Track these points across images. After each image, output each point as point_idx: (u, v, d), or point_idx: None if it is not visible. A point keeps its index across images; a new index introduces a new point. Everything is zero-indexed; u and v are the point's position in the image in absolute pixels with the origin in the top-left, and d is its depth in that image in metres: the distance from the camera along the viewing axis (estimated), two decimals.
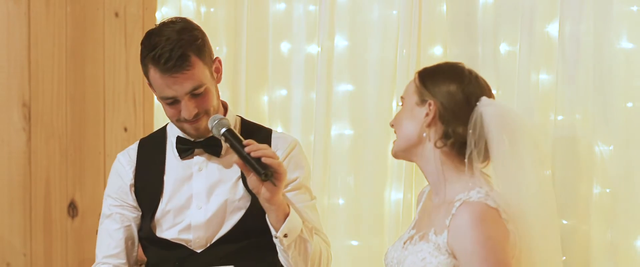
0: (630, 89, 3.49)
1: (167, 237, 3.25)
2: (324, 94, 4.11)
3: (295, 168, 3.26)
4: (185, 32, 3.14)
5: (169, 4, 4.48)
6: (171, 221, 3.25)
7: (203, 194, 3.24)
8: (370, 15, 4.07)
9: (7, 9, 4.68)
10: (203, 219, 3.22)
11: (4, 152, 4.70)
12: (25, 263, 4.75)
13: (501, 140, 2.85)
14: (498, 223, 2.80)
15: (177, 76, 3.11)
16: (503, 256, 2.76)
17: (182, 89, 3.13)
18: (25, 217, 4.74)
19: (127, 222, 3.31)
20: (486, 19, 3.81)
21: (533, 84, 3.65)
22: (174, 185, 3.26)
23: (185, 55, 3.11)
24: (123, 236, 3.31)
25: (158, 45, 3.10)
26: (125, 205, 3.31)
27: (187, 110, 3.14)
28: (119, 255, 3.31)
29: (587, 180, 3.54)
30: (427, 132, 2.92)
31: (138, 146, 3.37)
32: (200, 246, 3.23)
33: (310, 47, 4.20)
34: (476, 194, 2.84)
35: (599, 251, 3.53)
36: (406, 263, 2.87)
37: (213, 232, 3.23)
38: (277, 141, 3.30)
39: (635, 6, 3.48)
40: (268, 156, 3.05)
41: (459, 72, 2.94)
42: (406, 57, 3.95)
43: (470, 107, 2.88)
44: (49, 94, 4.74)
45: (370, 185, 4.06)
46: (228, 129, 3.12)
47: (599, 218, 3.53)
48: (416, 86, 2.96)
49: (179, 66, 3.10)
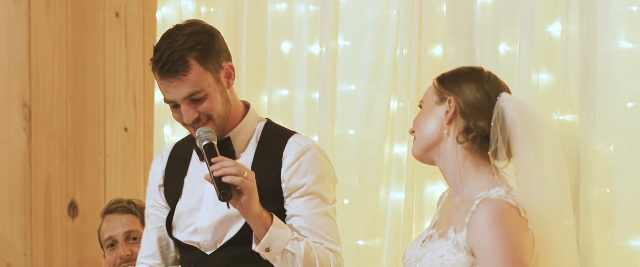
0: (630, 89, 3.49)
1: (180, 238, 3.25)
2: (327, 94, 4.11)
3: (303, 174, 3.20)
4: (191, 37, 3.13)
5: (169, 4, 4.48)
6: (184, 222, 3.25)
7: (212, 197, 3.21)
8: (370, 15, 4.07)
9: (7, 9, 4.69)
10: (209, 222, 3.20)
11: (4, 152, 4.71)
12: (25, 263, 4.75)
13: (523, 134, 2.86)
14: (517, 221, 2.80)
15: (172, 80, 3.10)
16: (521, 254, 2.76)
17: (179, 94, 3.12)
18: (26, 217, 4.74)
19: (159, 223, 3.31)
20: (486, 19, 3.80)
21: (533, 84, 3.65)
22: (190, 187, 3.26)
23: (183, 59, 3.09)
24: (156, 236, 3.32)
25: (160, 48, 3.11)
26: (158, 205, 3.32)
27: (186, 115, 3.14)
28: (154, 255, 3.32)
29: (587, 180, 3.54)
30: (447, 129, 2.92)
31: (172, 148, 3.38)
32: (209, 248, 3.22)
33: (312, 47, 4.20)
34: (496, 192, 2.83)
35: (598, 251, 3.53)
36: (425, 260, 2.87)
37: (220, 236, 3.21)
38: (290, 146, 3.24)
39: (635, 6, 3.48)
40: (227, 174, 3.01)
41: (477, 72, 2.96)
42: (406, 57, 3.95)
43: (491, 101, 2.89)
44: (49, 94, 4.74)
45: (373, 185, 4.06)
46: (209, 143, 3.11)
47: (599, 218, 3.52)
48: (435, 88, 2.97)
49: (174, 71, 3.09)
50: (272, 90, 4.28)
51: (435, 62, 3.92)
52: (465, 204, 2.86)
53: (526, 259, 2.78)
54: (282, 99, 4.27)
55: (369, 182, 4.06)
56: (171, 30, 3.18)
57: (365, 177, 4.06)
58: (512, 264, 2.74)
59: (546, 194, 2.87)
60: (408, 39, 3.95)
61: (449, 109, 2.91)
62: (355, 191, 4.09)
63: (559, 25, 3.64)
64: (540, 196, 2.85)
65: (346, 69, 4.11)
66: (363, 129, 4.08)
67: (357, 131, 4.10)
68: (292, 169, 3.18)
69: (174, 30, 3.16)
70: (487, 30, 3.79)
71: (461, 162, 2.92)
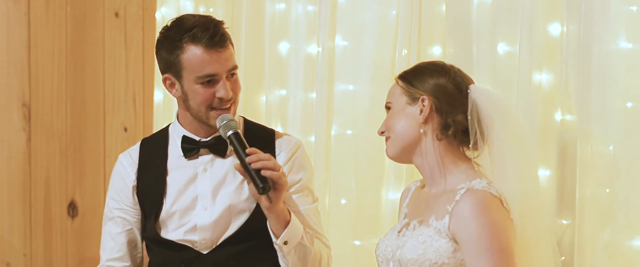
0: (630, 89, 3.48)
1: (173, 238, 3.23)
2: (324, 95, 4.11)
3: (298, 170, 3.24)
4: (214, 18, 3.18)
5: (168, 4, 4.48)
6: (177, 222, 3.23)
7: (208, 195, 3.22)
8: (369, 15, 4.07)
9: (7, 9, 4.69)
10: (209, 221, 3.20)
11: (4, 152, 4.71)
12: (25, 263, 4.75)
13: (498, 123, 2.89)
14: (501, 211, 2.83)
15: (221, 51, 3.11)
16: (506, 242, 2.78)
17: (227, 64, 3.12)
18: (25, 217, 4.75)
19: (128, 225, 3.29)
20: (485, 19, 3.80)
21: (533, 84, 3.64)
22: (179, 186, 3.24)
23: (224, 33, 3.13)
24: (125, 239, 3.29)
25: (196, 24, 3.11)
26: (127, 208, 3.29)
27: (227, 89, 3.13)
28: (123, 258, 3.30)
29: (587, 180, 3.53)
30: (424, 128, 2.93)
31: (140, 146, 3.34)
32: (206, 247, 3.21)
33: (309, 48, 4.20)
34: (479, 183, 2.86)
35: (598, 251, 3.52)
36: (406, 247, 2.88)
37: (219, 234, 3.21)
38: (281, 143, 3.27)
39: (634, 6, 3.48)
40: (268, 168, 3.03)
41: (441, 66, 2.98)
42: (406, 57, 3.95)
43: (464, 95, 2.91)
44: (49, 94, 4.74)
45: (370, 185, 4.06)
46: (235, 132, 3.10)
47: (599, 218, 3.52)
48: (402, 88, 2.97)
49: (222, 41, 3.11)
50: (269, 90, 4.28)
51: None
52: (447, 194, 2.88)
53: (512, 246, 2.80)
54: (280, 99, 4.27)
55: (366, 182, 4.06)
56: (181, 17, 3.19)
57: (362, 177, 4.06)
58: (499, 251, 2.76)
59: (521, 183, 2.89)
60: (407, 39, 3.95)
61: (424, 108, 2.91)
62: (352, 191, 4.09)
63: (558, 25, 3.64)
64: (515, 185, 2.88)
65: (345, 69, 4.11)
66: (361, 129, 4.08)
67: (356, 131, 4.10)
68: (288, 166, 3.20)
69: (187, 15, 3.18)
70: (486, 30, 3.79)
71: (441, 158, 2.93)
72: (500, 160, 2.91)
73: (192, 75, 3.13)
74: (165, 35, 3.17)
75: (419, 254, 2.85)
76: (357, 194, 4.09)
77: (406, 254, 2.88)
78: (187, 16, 3.18)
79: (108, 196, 3.34)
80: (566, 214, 3.63)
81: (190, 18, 3.16)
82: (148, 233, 3.27)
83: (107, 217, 3.32)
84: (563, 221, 3.63)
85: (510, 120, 2.93)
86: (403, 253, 2.89)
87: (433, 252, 2.84)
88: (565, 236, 3.63)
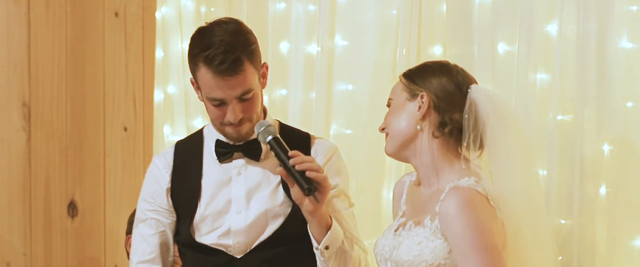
0: (630, 89, 3.48)
1: (206, 242, 3.19)
2: (323, 94, 4.11)
3: (335, 175, 3.21)
4: (239, 35, 3.09)
5: (168, 4, 4.48)
6: (210, 226, 3.20)
7: (242, 199, 3.19)
8: (369, 15, 4.07)
9: (7, 9, 4.69)
10: (243, 225, 3.17)
11: (4, 152, 4.71)
12: (25, 263, 4.75)
13: (496, 125, 2.90)
14: (486, 208, 2.83)
15: (229, 79, 3.06)
16: (492, 239, 2.78)
17: (233, 93, 3.08)
18: (25, 217, 4.75)
19: (162, 227, 3.25)
20: (485, 19, 3.80)
21: (532, 83, 3.65)
22: (213, 189, 3.21)
23: (239, 59, 3.06)
24: (158, 241, 3.25)
25: (212, 45, 3.05)
26: (161, 210, 3.25)
27: (233, 114, 3.09)
28: (154, 260, 3.26)
29: (587, 179, 3.53)
30: (421, 125, 2.93)
31: (174, 148, 3.30)
32: (239, 251, 3.18)
33: (309, 47, 4.20)
34: (466, 182, 2.87)
35: (598, 251, 3.53)
36: (402, 248, 2.88)
37: (253, 238, 3.18)
38: (317, 147, 3.25)
39: (635, 6, 3.48)
40: (313, 169, 3.01)
41: (445, 66, 2.99)
42: (406, 57, 3.95)
43: (463, 94, 2.91)
44: (49, 94, 4.74)
45: (371, 185, 4.06)
46: (274, 137, 3.08)
47: (599, 218, 3.52)
48: (404, 84, 2.98)
49: (232, 69, 3.05)
50: (271, 90, 4.28)
51: None
52: (436, 194, 2.88)
53: (497, 243, 2.79)
54: (281, 98, 4.27)
55: (366, 182, 4.06)
56: (212, 27, 3.12)
57: (362, 177, 4.06)
58: (485, 249, 2.76)
59: (519, 183, 2.89)
60: (407, 38, 3.95)
61: (422, 104, 2.92)
62: (352, 191, 4.08)
63: (557, 25, 3.64)
64: (513, 185, 2.88)
65: (345, 68, 4.11)
66: (361, 129, 4.08)
67: (355, 131, 4.10)
68: (324, 169, 3.13)
69: (216, 28, 3.11)
70: (486, 30, 3.79)
71: (436, 156, 2.94)
72: (498, 159, 2.91)
73: (204, 94, 3.13)
74: (191, 43, 3.15)
75: (415, 255, 2.85)
76: (357, 194, 4.09)
77: (402, 256, 2.88)
78: (212, 29, 3.11)
79: (141, 198, 3.30)
80: (564, 213, 3.63)
81: (210, 35, 3.09)
82: (182, 237, 3.24)
83: (139, 219, 3.28)
84: (562, 221, 3.63)
85: (510, 120, 2.93)
86: (399, 254, 2.89)
87: (429, 254, 2.84)
88: (565, 235, 3.63)
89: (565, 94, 3.60)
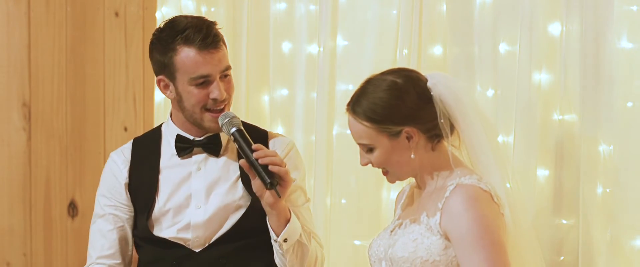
0: (630, 89, 3.49)
1: (166, 236, 3.24)
2: (325, 94, 4.11)
3: (292, 169, 3.24)
4: (207, 20, 3.20)
5: (169, 4, 4.48)
6: (170, 220, 3.24)
7: (202, 194, 3.23)
8: (370, 15, 4.07)
9: (7, 9, 4.68)
10: (202, 219, 3.21)
11: (4, 152, 4.70)
12: (25, 263, 4.75)
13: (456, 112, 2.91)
14: (491, 205, 2.85)
15: (214, 53, 3.13)
16: (498, 235, 2.80)
17: (220, 65, 3.15)
18: (25, 217, 4.74)
19: (120, 223, 3.30)
20: (486, 19, 3.81)
21: (533, 83, 3.65)
22: (172, 184, 3.26)
23: (217, 34, 3.16)
24: (117, 236, 3.30)
25: (188, 27, 3.13)
26: (119, 205, 3.30)
27: (219, 90, 3.14)
28: (114, 255, 3.30)
29: (587, 180, 3.54)
30: (414, 152, 2.93)
31: (132, 144, 3.36)
32: (198, 245, 3.23)
33: (311, 47, 4.21)
34: (468, 179, 2.89)
35: (598, 251, 3.53)
36: (397, 245, 2.90)
37: (212, 232, 3.22)
38: (275, 142, 3.30)
39: (635, 6, 3.48)
40: (276, 163, 3.06)
41: (393, 87, 2.92)
42: (406, 57, 3.95)
43: (429, 97, 2.90)
44: (49, 94, 4.74)
45: (371, 185, 4.06)
46: (238, 129, 3.12)
47: (599, 218, 3.53)
48: (374, 130, 2.92)
49: (216, 43, 3.14)
50: (273, 90, 4.28)
51: (435, 62, 3.92)
52: (437, 191, 2.90)
53: (503, 239, 2.81)
54: (282, 98, 4.27)
55: (366, 182, 4.06)
56: (173, 19, 3.21)
57: (362, 177, 4.06)
58: (491, 245, 2.78)
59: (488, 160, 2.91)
60: (408, 39, 3.95)
61: (411, 135, 2.91)
62: (352, 191, 4.09)
63: (558, 25, 3.64)
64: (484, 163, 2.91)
65: (346, 68, 4.12)
66: None
67: None
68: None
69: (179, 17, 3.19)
70: (487, 30, 3.80)
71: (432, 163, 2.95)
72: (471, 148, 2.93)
73: (185, 77, 3.15)
74: (158, 37, 3.19)
75: (410, 251, 2.86)
76: (358, 194, 4.10)
77: (397, 252, 2.89)
78: (179, 18, 3.20)
79: (98, 193, 3.35)
80: (566, 213, 3.64)
81: (183, 19, 3.18)
82: (140, 231, 3.28)
83: (97, 215, 3.33)
84: (563, 221, 3.64)
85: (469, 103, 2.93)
86: (394, 251, 2.90)
87: (424, 250, 2.85)
88: (567, 235, 3.63)
89: (566, 94, 3.61)
